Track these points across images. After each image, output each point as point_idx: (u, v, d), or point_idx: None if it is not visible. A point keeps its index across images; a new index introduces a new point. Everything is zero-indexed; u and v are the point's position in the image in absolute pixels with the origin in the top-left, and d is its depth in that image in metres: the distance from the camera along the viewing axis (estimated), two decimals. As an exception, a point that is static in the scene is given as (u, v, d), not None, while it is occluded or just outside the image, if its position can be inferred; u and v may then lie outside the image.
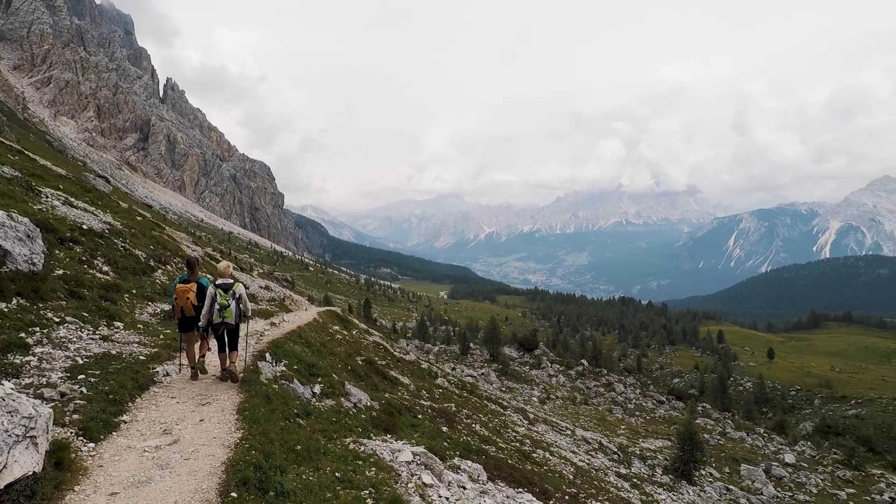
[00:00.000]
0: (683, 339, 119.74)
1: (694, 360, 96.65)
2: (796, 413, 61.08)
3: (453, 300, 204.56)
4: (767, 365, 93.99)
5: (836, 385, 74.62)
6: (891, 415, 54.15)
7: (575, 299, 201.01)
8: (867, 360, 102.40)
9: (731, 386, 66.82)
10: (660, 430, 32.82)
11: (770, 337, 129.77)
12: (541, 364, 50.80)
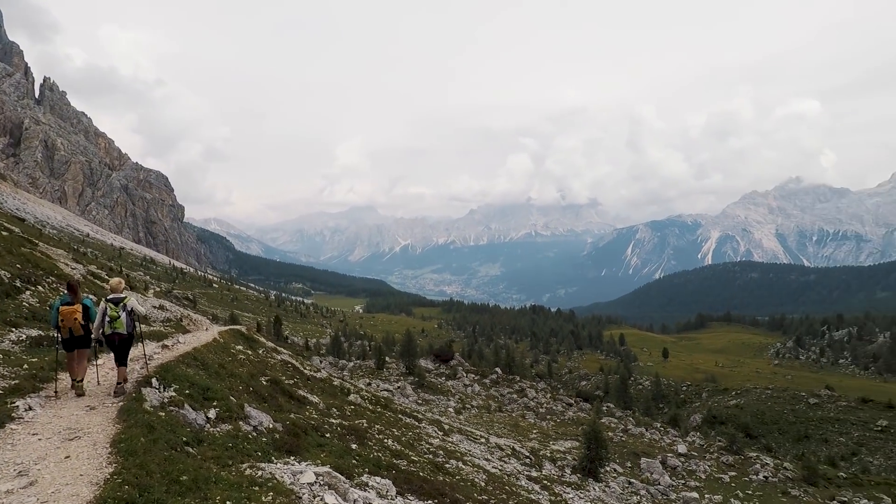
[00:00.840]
0: (590, 344, 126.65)
1: (599, 362, 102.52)
2: (688, 406, 66.70)
3: (369, 314, 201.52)
4: (663, 364, 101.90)
5: (720, 379, 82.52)
6: (763, 403, 60.81)
7: (489, 309, 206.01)
8: (744, 355, 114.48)
9: (631, 385, 71.58)
10: (569, 431, 34.26)
11: (664, 338, 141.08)
12: (456, 374, 51.28)
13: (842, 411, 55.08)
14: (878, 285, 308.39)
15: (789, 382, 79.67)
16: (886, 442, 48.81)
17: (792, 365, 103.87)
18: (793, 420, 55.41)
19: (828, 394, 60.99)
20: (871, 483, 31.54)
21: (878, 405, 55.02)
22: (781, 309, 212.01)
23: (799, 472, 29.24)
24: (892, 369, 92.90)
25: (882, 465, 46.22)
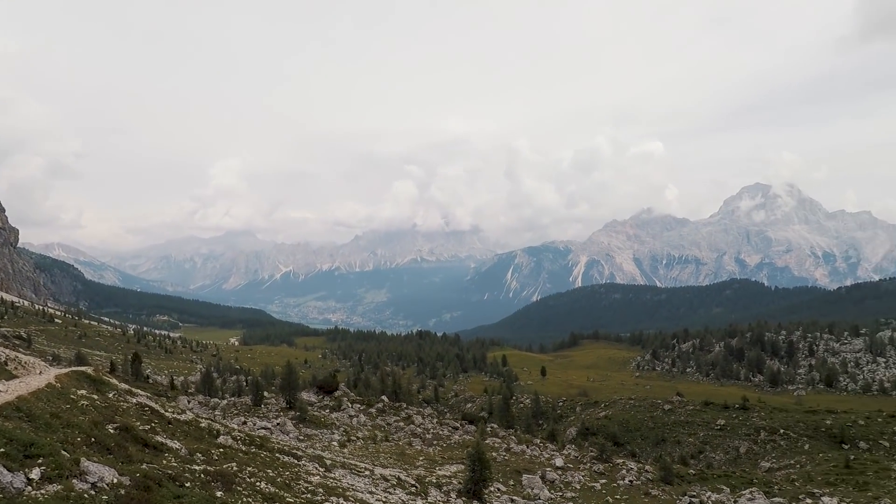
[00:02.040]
0: (475, 366, 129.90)
1: (484, 384, 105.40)
2: (564, 421, 70.87)
3: (246, 346, 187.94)
4: (541, 382, 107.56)
5: (592, 392, 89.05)
6: (628, 412, 66.58)
7: (375, 336, 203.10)
8: (611, 369, 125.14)
9: (513, 404, 74.41)
10: (455, 455, 34.46)
11: (542, 357, 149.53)
12: (341, 406, 49.41)
13: (689, 414, 62.18)
14: (713, 302, 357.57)
15: (648, 392, 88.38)
16: (724, 438, 55.92)
17: (650, 375, 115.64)
18: (652, 426, 61.32)
19: (678, 400, 68.61)
20: (714, 476, 35.78)
21: (717, 406, 63.05)
22: (640, 325, 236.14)
23: (657, 474, 32.22)
24: (726, 375, 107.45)
25: (722, 459, 52.75)
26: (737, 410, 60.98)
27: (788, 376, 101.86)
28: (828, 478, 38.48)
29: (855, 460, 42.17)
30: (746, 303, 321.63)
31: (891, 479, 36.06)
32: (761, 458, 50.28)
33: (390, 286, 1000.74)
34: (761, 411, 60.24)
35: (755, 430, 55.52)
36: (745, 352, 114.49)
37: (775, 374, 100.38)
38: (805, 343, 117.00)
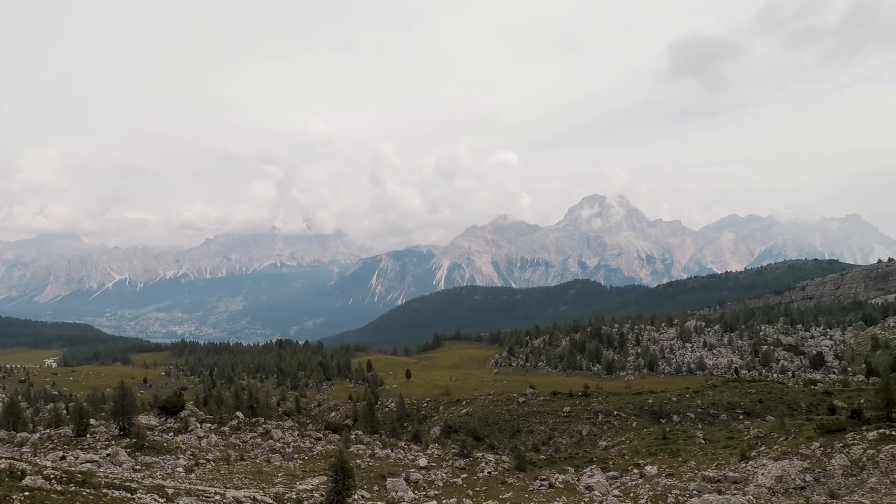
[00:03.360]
0: (339, 374, 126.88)
1: (349, 391, 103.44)
2: (428, 421, 72.44)
3: (68, 368, 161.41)
4: (406, 384, 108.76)
5: (454, 391, 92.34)
6: (487, 407, 70.26)
7: (230, 348, 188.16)
8: (472, 368, 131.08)
9: (379, 409, 74.13)
10: (318, 467, 33.25)
11: (407, 360, 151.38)
12: (188, 427, 44.72)
13: (540, 404, 67.65)
14: (560, 301, 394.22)
15: (505, 387, 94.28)
16: (570, 424, 61.83)
17: (507, 371, 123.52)
18: (508, 418, 65.48)
19: (531, 392, 74.28)
20: (561, 459, 39.32)
21: (564, 395, 69.52)
22: (498, 324, 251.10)
23: (513, 462, 34.46)
24: (572, 366, 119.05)
25: (568, 443, 58.22)
26: (580, 398, 67.82)
27: (621, 364, 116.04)
28: (650, 449, 44.57)
29: (670, 432, 49.44)
30: (587, 300, 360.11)
31: (695, 445, 42.96)
32: (599, 438, 56.51)
33: (247, 293, 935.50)
34: (599, 396, 67.79)
35: (595, 414, 62.26)
36: (586, 344, 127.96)
37: (610, 363, 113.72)
38: (633, 334, 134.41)
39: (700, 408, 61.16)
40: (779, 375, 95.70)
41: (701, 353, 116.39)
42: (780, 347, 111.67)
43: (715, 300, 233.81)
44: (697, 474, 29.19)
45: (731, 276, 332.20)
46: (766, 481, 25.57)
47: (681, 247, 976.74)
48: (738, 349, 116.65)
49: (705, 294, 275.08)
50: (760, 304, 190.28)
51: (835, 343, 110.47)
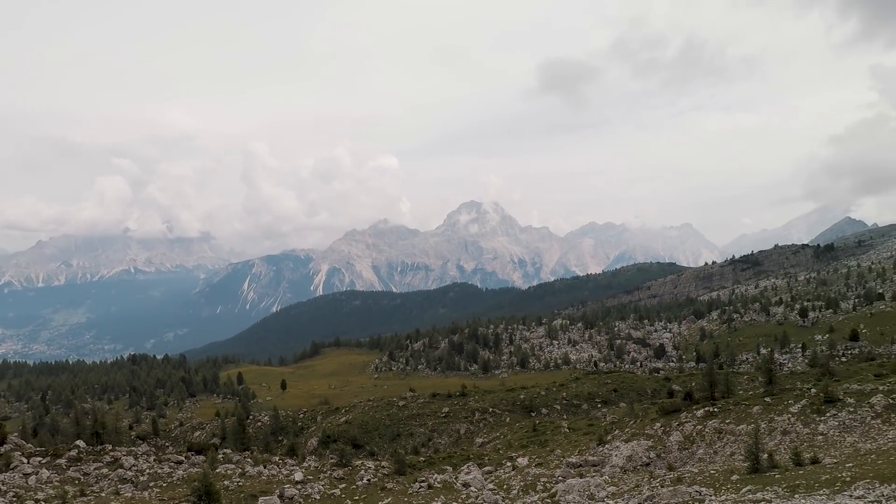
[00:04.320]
0: (205, 389, 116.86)
1: (216, 407, 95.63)
2: (305, 432, 69.58)
3: None
4: (282, 396, 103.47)
5: (333, 399, 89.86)
6: (367, 413, 69.41)
7: (69, 367, 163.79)
8: (352, 374, 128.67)
9: (250, 424, 69.54)
10: (178, 494, 30.20)
11: (283, 370, 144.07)
12: (11, 464, 37.95)
13: (420, 407, 68.52)
14: (439, 304, 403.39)
15: (385, 391, 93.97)
16: (449, 423, 63.42)
17: (387, 376, 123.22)
18: (389, 423, 65.32)
19: (411, 395, 74.94)
20: (440, 459, 40.14)
21: (443, 396, 71.16)
22: (379, 329, 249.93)
23: (392, 467, 34.41)
24: (451, 367, 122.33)
25: (447, 443, 59.64)
26: (458, 397, 69.90)
27: (495, 363, 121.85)
28: (522, 442, 47.36)
29: (539, 424, 52.99)
30: (465, 303, 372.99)
31: (561, 434, 46.55)
32: (476, 435, 58.73)
33: (92, 304, 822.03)
34: (476, 395, 70.49)
35: (472, 412, 64.58)
36: (464, 346, 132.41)
37: (486, 362, 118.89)
38: (507, 334, 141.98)
39: (565, 399, 66.41)
40: (630, 366, 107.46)
41: (566, 349, 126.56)
42: (631, 341, 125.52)
43: (578, 300, 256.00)
44: (563, 461, 31.63)
45: (591, 277, 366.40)
46: (618, 461, 28.49)
47: (548, 251, 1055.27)
48: (597, 344, 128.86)
49: (570, 294, 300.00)
50: (615, 302, 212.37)
51: (673, 335, 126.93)
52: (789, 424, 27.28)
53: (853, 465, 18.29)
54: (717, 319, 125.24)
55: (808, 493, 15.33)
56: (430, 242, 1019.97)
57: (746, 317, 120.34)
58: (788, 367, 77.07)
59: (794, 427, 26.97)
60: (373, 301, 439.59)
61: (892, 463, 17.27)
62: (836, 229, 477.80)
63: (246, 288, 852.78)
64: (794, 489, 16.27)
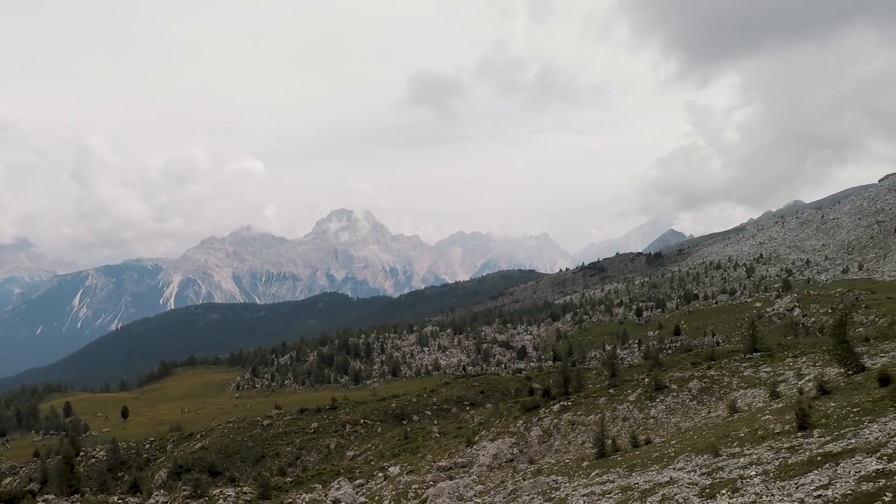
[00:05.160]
0: (20, 425, 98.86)
1: (34, 446, 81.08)
2: (153, 465, 62.06)
3: None
4: (123, 425, 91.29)
5: (186, 425, 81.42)
6: (227, 437, 64.11)
7: None
8: (209, 395, 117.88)
9: (81, 462, 60.24)
10: (-20, 555, 25.00)
11: (124, 396, 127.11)
12: None
13: (287, 424, 65.10)
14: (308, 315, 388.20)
15: (248, 411, 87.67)
16: (318, 439, 61.10)
17: (250, 394, 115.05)
18: (251, 445, 60.99)
19: (277, 413, 70.86)
20: (308, 477, 38.49)
21: (312, 411, 68.39)
22: (240, 344, 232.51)
23: (256, 492, 32.19)
24: (320, 380, 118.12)
25: (316, 459, 57.37)
26: (328, 411, 67.72)
27: (367, 372, 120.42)
28: (394, 451, 47.31)
29: (411, 431, 53.43)
30: (336, 313, 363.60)
31: (432, 440, 47.44)
32: (347, 449, 57.35)
33: None
34: (347, 407, 68.92)
35: (342, 426, 62.97)
36: (334, 357, 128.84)
37: (357, 373, 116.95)
38: (378, 343, 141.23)
39: (436, 405, 67.87)
40: (495, 368, 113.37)
41: (437, 355, 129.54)
42: (497, 344, 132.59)
43: (447, 307, 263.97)
44: (434, 466, 32.22)
45: (459, 285, 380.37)
46: (485, 460, 29.84)
47: (419, 259, 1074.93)
48: (466, 349, 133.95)
49: (440, 301, 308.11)
50: (482, 308, 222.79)
51: (533, 337, 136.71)
52: (628, 411, 30.91)
53: (676, 442, 21.27)
54: (570, 321, 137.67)
55: (643, 470, 17.49)
56: (298, 251, 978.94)
57: (594, 317, 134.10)
58: (628, 361, 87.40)
59: (632, 413, 30.62)
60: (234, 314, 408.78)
61: (704, 437, 20.44)
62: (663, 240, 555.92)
63: (77, 303, 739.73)
64: (631, 468, 18.44)
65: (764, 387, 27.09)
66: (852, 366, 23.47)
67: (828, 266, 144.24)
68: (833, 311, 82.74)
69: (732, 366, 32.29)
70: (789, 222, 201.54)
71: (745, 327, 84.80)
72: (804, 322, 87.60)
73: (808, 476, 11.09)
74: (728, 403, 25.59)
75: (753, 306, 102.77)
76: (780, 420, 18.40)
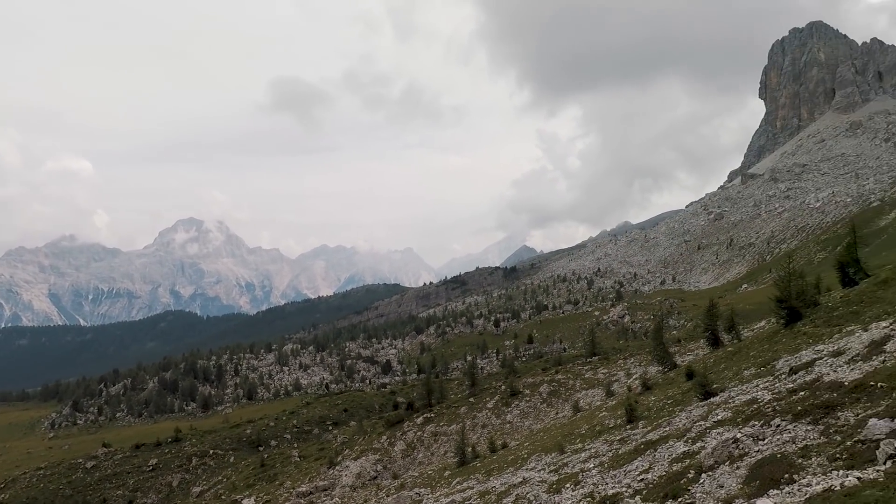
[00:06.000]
0: None
1: None
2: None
3: None
4: None
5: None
6: (36, 486, 53.97)
7: None
8: (12, 437, 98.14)
9: None
10: None
11: None
12: None
13: (118, 464, 56.82)
14: (147, 336, 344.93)
15: (66, 453, 74.73)
16: (157, 478, 54.23)
17: (70, 432, 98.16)
18: (70, 493, 52.06)
19: (105, 451, 61.48)
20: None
21: (150, 446, 60.57)
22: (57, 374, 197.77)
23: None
24: (161, 410, 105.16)
25: (155, 500, 50.84)
26: (170, 444, 60.58)
27: (218, 398, 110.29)
28: (248, 481, 43.86)
29: (268, 458, 50.04)
30: (181, 333, 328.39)
31: (292, 465, 44.94)
32: (194, 484, 51.77)
33: None
34: (193, 438, 62.30)
35: (188, 459, 56.74)
36: (179, 383, 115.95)
37: (207, 399, 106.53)
38: (232, 364, 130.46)
39: (296, 427, 64.53)
40: (360, 384, 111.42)
41: (297, 375, 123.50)
42: (361, 360, 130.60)
43: (309, 323, 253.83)
44: (293, 492, 30.54)
45: (322, 300, 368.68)
46: (348, 480, 29.11)
47: (279, 274, 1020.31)
48: (329, 366, 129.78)
49: (301, 318, 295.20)
50: (346, 323, 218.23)
51: (398, 351, 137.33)
52: (487, 418, 32.52)
53: (529, 444, 22.89)
54: (433, 333, 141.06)
55: (500, 473, 18.50)
56: (136, 264, 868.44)
57: (457, 329, 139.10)
58: (487, 370, 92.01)
59: (490, 420, 32.27)
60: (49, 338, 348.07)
61: (552, 437, 22.29)
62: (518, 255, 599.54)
63: None
64: (489, 473, 19.40)
65: (601, 386, 30.44)
66: (667, 364, 27.50)
67: (650, 278, 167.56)
68: (654, 318, 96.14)
69: (576, 369, 35.80)
70: (620, 240, 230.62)
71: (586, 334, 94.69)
72: (632, 327, 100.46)
73: (633, 463, 12.69)
74: (572, 404, 28.26)
75: (593, 315, 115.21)
76: (613, 416, 20.80)
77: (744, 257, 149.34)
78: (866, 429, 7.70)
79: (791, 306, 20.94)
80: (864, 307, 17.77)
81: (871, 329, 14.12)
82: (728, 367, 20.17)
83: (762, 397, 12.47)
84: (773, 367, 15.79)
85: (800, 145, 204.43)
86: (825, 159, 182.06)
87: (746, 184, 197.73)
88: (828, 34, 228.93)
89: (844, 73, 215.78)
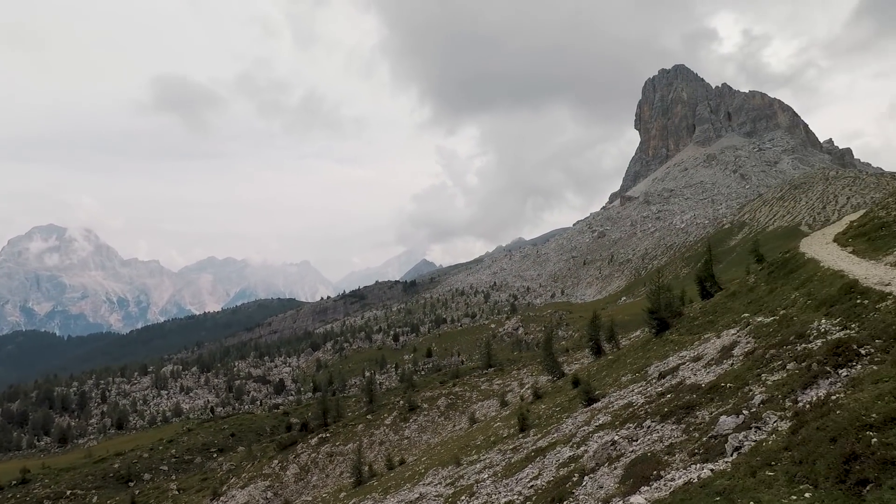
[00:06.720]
0: None
1: None
2: None
3: None
4: None
5: None
6: None
7: None
8: None
9: None
10: None
11: None
12: None
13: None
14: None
15: None
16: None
17: None
18: None
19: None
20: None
21: (-11, 491, 51.75)
22: None
23: None
24: (4, 447, 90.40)
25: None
26: (14, 488, 52.23)
27: (80, 430, 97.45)
28: (115, 522, 39.03)
29: (140, 494, 44.98)
30: (34, 357, 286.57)
31: (168, 499, 40.78)
32: (44, 532, 45.01)
33: None
34: (45, 478, 54.28)
35: (38, 503, 49.27)
36: (29, 414, 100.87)
37: (65, 431, 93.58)
38: (98, 391, 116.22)
39: (175, 457, 58.83)
40: (250, 406, 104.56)
41: (178, 399, 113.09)
42: (252, 380, 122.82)
43: (193, 342, 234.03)
44: (169, 530, 27.75)
45: (208, 316, 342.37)
46: (234, 512, 27.05)
47: (158, 288, 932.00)
48: (215, 388, 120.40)
49: (184, 336, 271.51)
50: (235, 341, 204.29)
51: (292, 369, 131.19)
52: (384, 435, 32.10)
53: (426, 458, 22.94)
54: (331, 349, 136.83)
55: (397, 490, 18.31)
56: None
57: (355, 345, 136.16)
58: (386, 385, 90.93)
59: (388, 437, 31.89)
60: None
61: (449, 450, 22.55)
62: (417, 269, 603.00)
63: None
64: (386, 490, 19.12)
65: (496, 397, 31.44)
66: (556, 373, 29.16)
67: (542, 292, 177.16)
68: (545, 329, 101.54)
69: (473, 381, 36.64)
70: (515, 255, 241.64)
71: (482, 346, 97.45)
72: (526, 339, 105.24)
73: (525, 470, 13.24)
74: (469, 416, 28.86)
75: (489, 327, 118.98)
76: (507, 425, 21.56)
77: (623, 272, 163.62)
78: (718, 425, 8.78)
79: (661, 317, 23.32)
80: (717, 317, 20.28)
81: (723, 336, 16.13)
82: (609, 373, 21.87)
83: (636, 401, 13.68)
84: (645, 373, 17.40)
85: (668, 172, 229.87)
86: (688, 185, 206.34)
87: (624, 205, 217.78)
88: (689, 77, 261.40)
89: (702, 111, 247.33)
